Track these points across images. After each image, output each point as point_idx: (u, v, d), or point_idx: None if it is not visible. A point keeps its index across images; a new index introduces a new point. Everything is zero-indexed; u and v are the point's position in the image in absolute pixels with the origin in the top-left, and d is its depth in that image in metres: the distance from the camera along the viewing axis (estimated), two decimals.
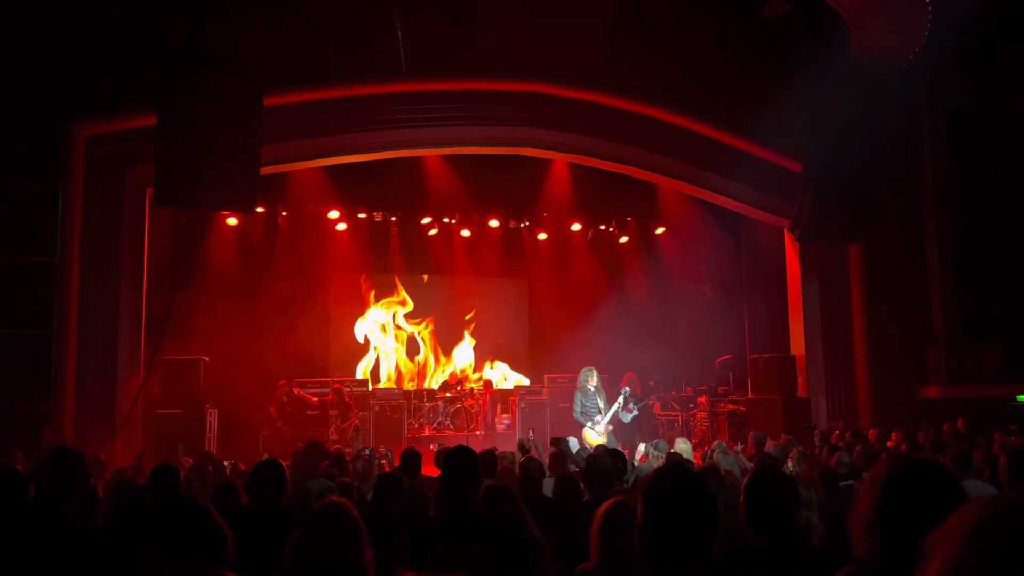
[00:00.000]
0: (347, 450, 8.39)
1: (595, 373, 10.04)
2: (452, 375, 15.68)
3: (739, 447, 9.17)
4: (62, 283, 9.98)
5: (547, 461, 6.44)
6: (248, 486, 4.06)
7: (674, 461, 6.42)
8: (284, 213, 14.40)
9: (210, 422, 11.63)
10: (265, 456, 8.15)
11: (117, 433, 10.07)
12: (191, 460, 7.77)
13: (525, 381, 16.08)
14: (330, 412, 12.22)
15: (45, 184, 9.92)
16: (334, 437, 11.47)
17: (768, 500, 2.77)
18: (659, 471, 2.27)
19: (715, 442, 8.78)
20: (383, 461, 7.85)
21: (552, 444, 6.47)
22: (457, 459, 3.39)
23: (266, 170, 10.17)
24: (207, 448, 10.68)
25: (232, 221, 13.87)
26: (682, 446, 7.56)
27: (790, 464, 6.93)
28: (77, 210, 10.22)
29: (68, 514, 3.14)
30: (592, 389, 9.94)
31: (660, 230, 16.25)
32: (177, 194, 9.40)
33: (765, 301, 14.71)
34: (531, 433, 8.59)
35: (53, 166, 9.99)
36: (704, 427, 13.90)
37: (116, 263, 10.54)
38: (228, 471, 7.83)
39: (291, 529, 2.40)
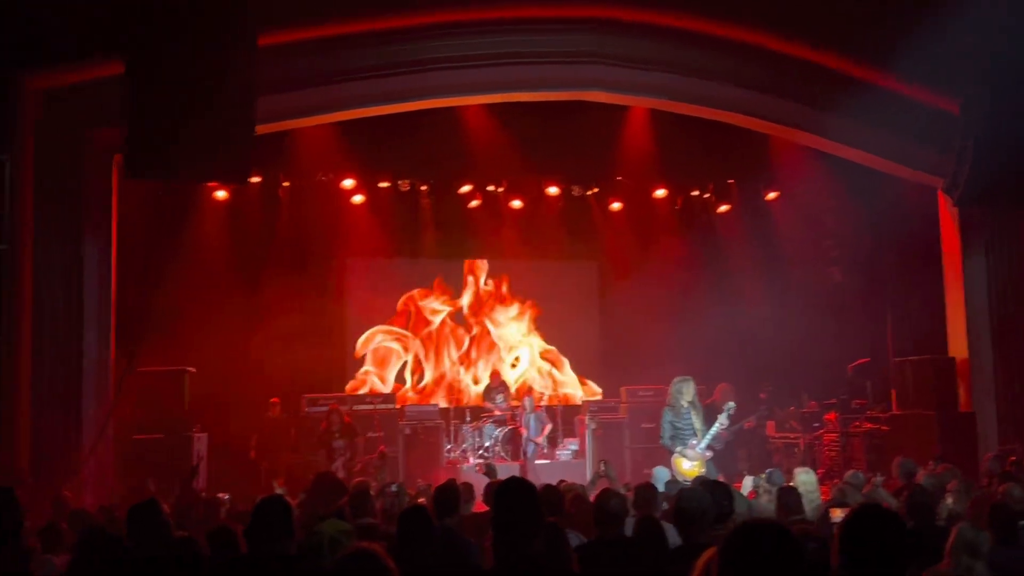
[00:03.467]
0: (373, 484, 8.50)
1: (692, 384, 10.01)
2: (493, 372, 15.88)
3: (879, 478, 9.07)
4: (13, 277, 10.23)
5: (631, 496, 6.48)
6: (248, 530, 4.16)
7: (787, 498, 6.39)
8: (286, 183, 14.63)
9: (198, 449, 11.90)
10: (278, 490, 8.32)
11: (83, 464, 10.35)
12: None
13: (598, 390, 16.15)
14: (334, 444, 12.35)
15: None
16: (341, 474, 11.61)
17: (869, 545, 2.74)
18: (739, 526, 2.33)
19: (848, 472, 8.70)
20: (420, 500, 7.94)
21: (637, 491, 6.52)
22: (510, 493, 3.43)
23: (262, 129, 10.30)
24: (194, 482, 10.94)
25: (221, 195, 14.14)
26: (804, 478, 7.51)
27: (949, 500, 6.85)
28: (28, 184, 10.45)
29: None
30: (686, 405, 9.91)
31: (772, 195, 16.08)
32: (152, 162, 9.57)
33: (914, 287, 14.52)
34: (603, 466, 8.62)
35: None
36: (833, 453, 13.80)
37: (78, 250, 10.80)
38: (224, 512, 8.02)
39: None
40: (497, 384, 15.25)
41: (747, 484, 8.35)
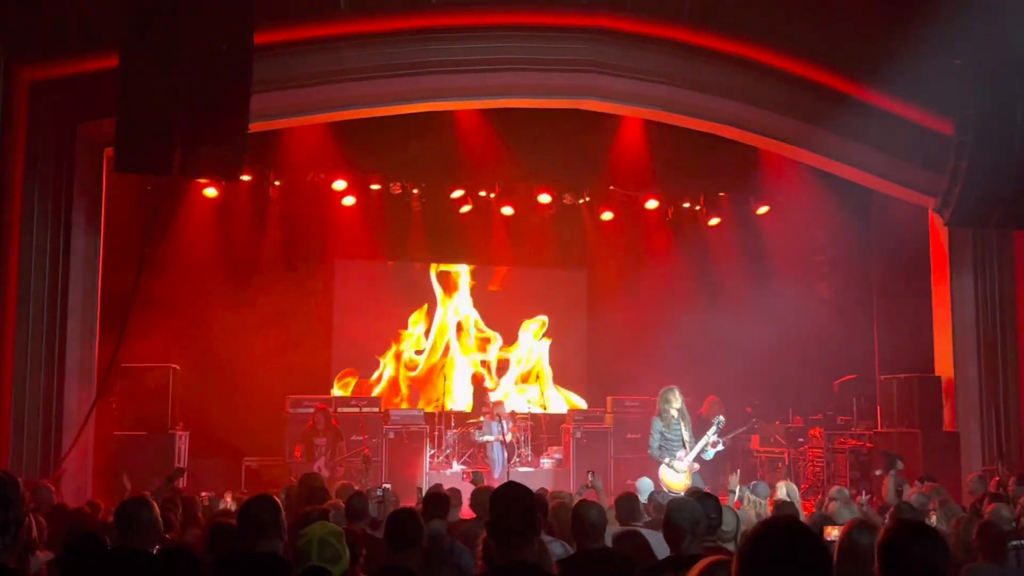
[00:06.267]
0: (355, 487, 8.46)
1: (678, 393, 10.00)
2: (476, 375, 15.86)
3: (865, 496, 9.08)
4: None
5: (613, 509, 6.46)
6: (235, 530, 4.11)
7: (784, 511, 6.40)
8: (276, 183, 14.56)
9: (180, 448, 11.82)
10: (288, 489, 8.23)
11: (63, 458, 10.28)
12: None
13: (582, 404, 16.12)
14: (316, 441, 12.31)
15: None
16: (324, 474, 11.57)
17: (914, 563, 2.74)
18: (764, 524, 2.31)
19: (833, 488, 8.70)
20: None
21: (618, 502, 6.52)
22: (509, 498, 3.39)
23: (254, 127, 10.26)
24: (177, 482, 10.86)
25: (211, 192, 14.05)
26: (785, 490, 7.55)
27: (933, 519, 6.89)
28: (17, 176, 10.41)
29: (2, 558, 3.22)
30: (675, 414, 9.90)
31: (763, 210, 16.14)
32: (143, 156, 9.53)
33: (902, 305, 14.53)
34: (590, 477, 8.57)
35: None
36: (817, 468, 13.84)
37: (65, 243, 10.73)
38: (201, 510, 7.96)
39: None
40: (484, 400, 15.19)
41: (734, 494, 8.36)
